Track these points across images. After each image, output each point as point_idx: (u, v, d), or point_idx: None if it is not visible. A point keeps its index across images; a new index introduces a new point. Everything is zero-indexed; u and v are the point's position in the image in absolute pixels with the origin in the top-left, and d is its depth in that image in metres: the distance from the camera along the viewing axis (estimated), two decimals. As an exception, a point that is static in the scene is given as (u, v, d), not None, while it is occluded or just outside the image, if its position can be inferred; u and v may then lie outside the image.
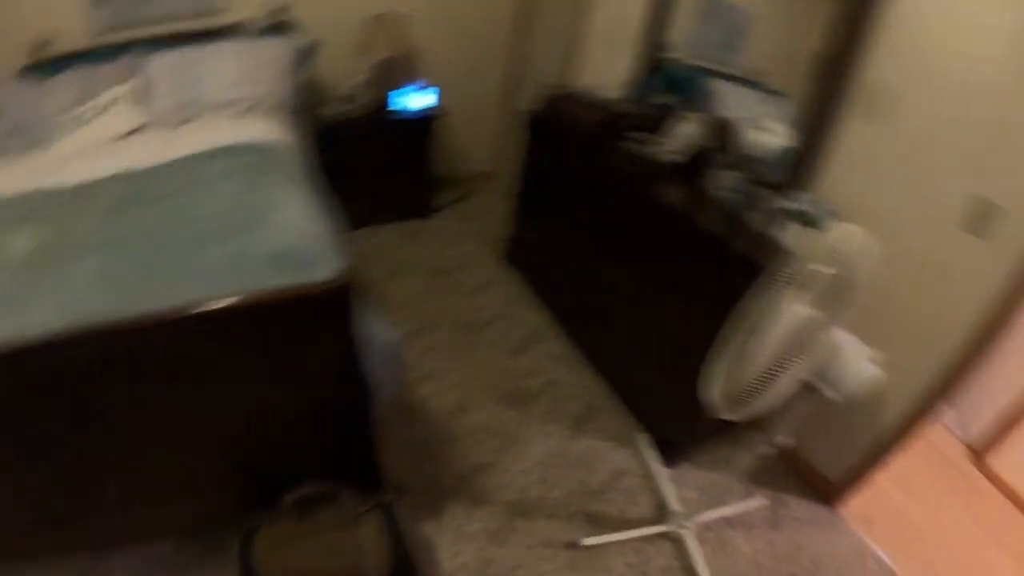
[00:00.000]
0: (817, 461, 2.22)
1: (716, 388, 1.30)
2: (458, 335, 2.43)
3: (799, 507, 2.17)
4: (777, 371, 1.27)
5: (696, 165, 2.07)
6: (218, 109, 2.40)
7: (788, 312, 1.26)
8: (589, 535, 1.84)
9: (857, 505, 2.25)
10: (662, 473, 2.03)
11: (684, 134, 2.09)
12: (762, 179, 1.96)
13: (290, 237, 1.48)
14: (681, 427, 2.00)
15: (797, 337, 1.26)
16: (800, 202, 1.75)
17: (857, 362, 1.34)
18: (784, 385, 1.31)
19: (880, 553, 2.13)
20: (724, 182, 1.95)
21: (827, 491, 2.20)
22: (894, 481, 2.55)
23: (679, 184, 2.06)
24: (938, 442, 2.96)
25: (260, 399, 1.46)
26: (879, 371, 1.35)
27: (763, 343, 1.24)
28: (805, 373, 1.35)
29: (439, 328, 2.44)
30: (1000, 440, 2.75)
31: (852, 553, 2.10)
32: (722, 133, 2.14)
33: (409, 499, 1.78)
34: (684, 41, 2.37)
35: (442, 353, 2.32)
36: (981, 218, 1.68)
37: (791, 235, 1.70)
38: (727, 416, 1.36)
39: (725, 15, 2.22)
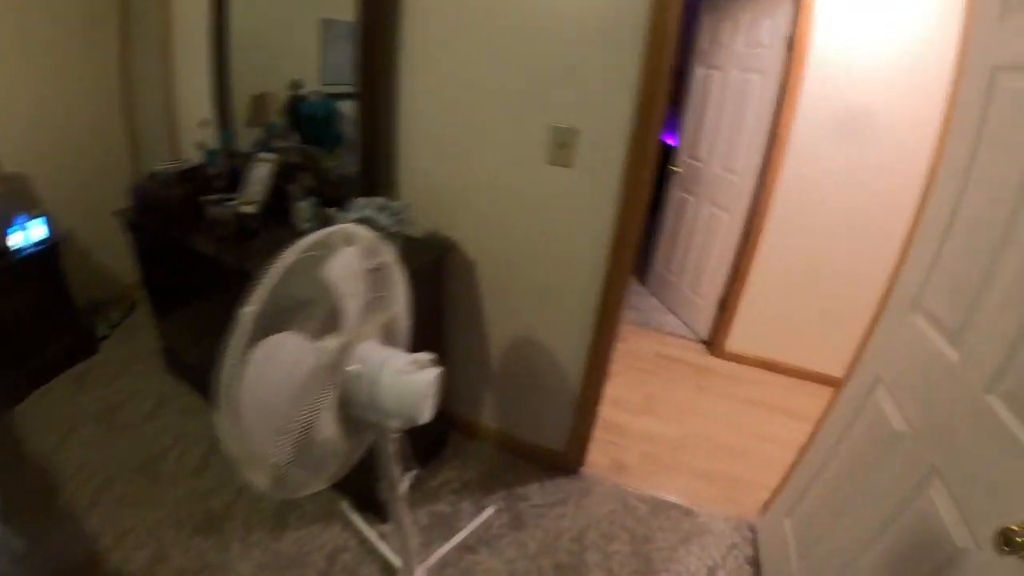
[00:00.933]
0: (539, 439, 2.10)
1: (242, 462, 1.06)
2: (140, 478, 2.09)
3: (542, 492, 2.02)
4: (289, 418, 1.07)
5: (275, 205, 1.91)
6: None
7: (281, 345, 1.07)
8: (313, 644, 1.59)
9: (601, 458, 2.17)
10: (374, 534, 1.81)
11: (258, 179, 1.90)
12: (334, 198, 1.82)
13: None
14: (371, 476, 1.80)
15: (302, 371, 1.08)
16: (361, 210, 1.60)
17: (401, 379, 1.17)
18: (320, 436, 1.13)
19: (643, 492, 2.06)
20: (304, 215, 1.79)
21: (565, 462, 2.08)
22: (635, 411, 2.52)
23: (259, 232, 1.87)
24: (676, 355, 3.03)
25: None
26: (431, 372, 1.21)
27: (253, 389, 1.03)
28: (356, 412, 1.19)
29: (120, 477, 2.08)
30: (727, 324, 2.88)
31: (615, 507, 1.99)
32: (302, 164, 1.99)
33: None
34: (312, 73, 2.17)
35: (128, 505, 1.97)
36: (560, 148, 1.62)
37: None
38: (279, 494, 1.16)
39: (348, 35, 2.07)
